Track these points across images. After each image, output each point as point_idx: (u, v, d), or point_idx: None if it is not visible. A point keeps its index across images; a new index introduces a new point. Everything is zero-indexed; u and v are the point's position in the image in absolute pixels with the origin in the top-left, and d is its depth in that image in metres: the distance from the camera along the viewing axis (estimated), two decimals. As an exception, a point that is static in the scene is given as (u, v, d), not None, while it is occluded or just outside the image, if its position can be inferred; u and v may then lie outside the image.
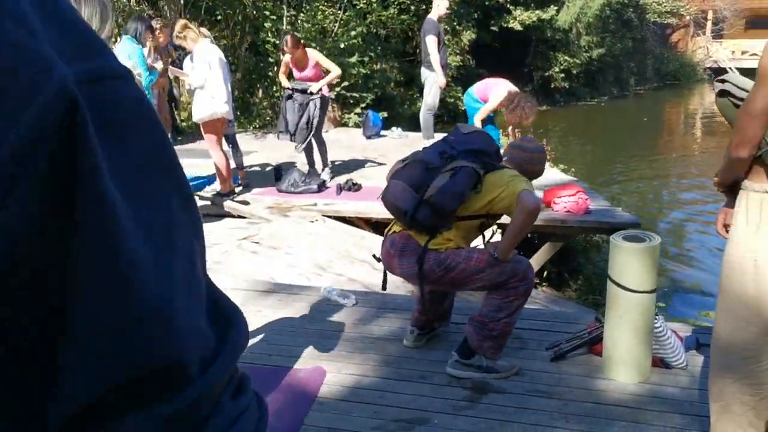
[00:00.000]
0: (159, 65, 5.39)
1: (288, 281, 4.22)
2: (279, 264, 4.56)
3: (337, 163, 7.41)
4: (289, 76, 6.53)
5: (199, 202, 5.92)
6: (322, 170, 6.75)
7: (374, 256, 3.12)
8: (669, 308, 5.18)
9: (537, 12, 17.95)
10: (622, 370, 2.80)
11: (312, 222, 5.49)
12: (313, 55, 6.38)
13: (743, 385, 2.08)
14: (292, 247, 4.87)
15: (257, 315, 3.50)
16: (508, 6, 17.21)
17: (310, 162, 6.72)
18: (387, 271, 2.99)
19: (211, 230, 5.23)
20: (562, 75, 20.22)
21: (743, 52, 29.23)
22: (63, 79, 0.34)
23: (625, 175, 10.85)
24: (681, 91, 24.55)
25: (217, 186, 6.06)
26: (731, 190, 2.15)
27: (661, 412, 2.59)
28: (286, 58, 6.41)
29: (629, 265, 2.71)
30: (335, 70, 6.35)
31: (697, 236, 7.33)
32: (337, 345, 3.20)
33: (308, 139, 6.33)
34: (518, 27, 16.97)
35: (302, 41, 6.66)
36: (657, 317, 2.85)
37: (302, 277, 4.35)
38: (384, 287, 3.08)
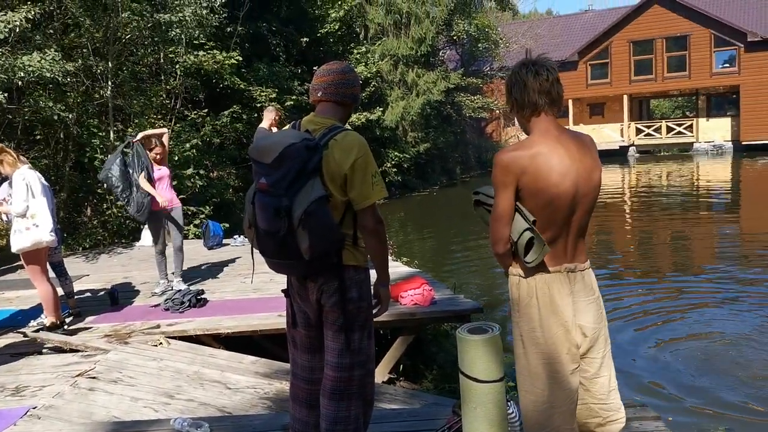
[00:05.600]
0: None
1: (132, 417, 3.88)
2: (121, 399, 4.19)
3: (178, 278, 7.12)
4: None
5: (23, 340, 5.35)
6: (174, 280, 6.70)
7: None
8: (514, 388, 5.41)
9: (365, 114, 19.09)
10: (484, 461, 2.85)
11: (155, 346, 5.16)
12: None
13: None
14: (134, 377, 4.51)
15: (99, 463, 3.17)
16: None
17: (163, 274, 6.69)
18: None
19: (38, 371, 4.72)
20: (395, 169, 21.46)
21: (548, 139, 32.88)
22: None
23: (464, 260, 11.47)
24: (501, 177, 26.74)
25: (44, 319, 5.54)
26: None
27: (525, 499, 2.65)
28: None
29: (476, 356, 2.82)
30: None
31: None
32: (193, 483, 2.96)
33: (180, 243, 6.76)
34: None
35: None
36: (509, 403, 2.97)
37: (148, 410, 4.03)
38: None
